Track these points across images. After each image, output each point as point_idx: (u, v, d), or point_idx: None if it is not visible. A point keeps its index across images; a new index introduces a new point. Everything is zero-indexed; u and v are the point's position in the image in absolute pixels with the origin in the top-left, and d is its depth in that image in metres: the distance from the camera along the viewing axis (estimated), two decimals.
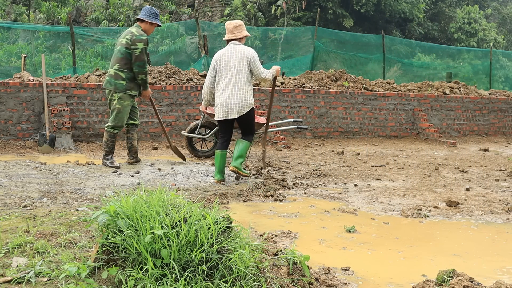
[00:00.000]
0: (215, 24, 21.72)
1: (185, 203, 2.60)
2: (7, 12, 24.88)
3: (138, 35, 6.09)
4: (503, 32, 32.46)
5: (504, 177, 6.73)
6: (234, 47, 5.75)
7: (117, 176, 5.65)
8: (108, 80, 6.20)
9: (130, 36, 6.10)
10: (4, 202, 4.04)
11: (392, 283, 2.99)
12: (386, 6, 26.55)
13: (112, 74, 6.16)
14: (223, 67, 5.71)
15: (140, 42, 6.06)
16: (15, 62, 16.39)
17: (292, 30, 20.18)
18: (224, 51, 5.78)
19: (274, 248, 3.02)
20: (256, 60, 5.74)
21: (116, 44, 6.44)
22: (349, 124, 10.97)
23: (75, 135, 8.60)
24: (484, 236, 4.08)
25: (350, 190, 5.69)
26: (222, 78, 5.71)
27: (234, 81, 5.63)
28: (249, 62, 5.68)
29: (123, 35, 6.23)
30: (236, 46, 5.75)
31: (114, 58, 6.21)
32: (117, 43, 6.32)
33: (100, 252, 2.39)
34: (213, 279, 2.27)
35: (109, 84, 6.18)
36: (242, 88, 5.63)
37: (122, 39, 6.20)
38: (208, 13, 26.56)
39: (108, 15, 23.94)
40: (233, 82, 5.62)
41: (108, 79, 6.21)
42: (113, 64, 6.18)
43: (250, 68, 5.70)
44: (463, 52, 21.64)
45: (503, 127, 12.98)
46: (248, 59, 5.68)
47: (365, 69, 17.05)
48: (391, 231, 4.13)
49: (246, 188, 5.40)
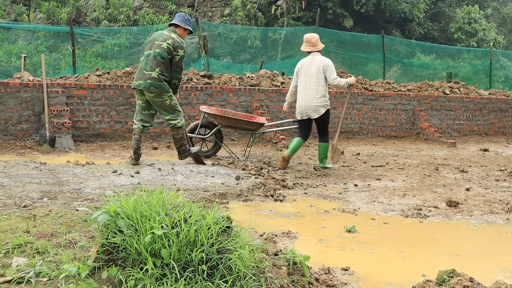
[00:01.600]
0: (215, 24, 21.73)
1: (185, 203, 2.60)
2: (7, 12, 24.88)
3: (180, 42, 6.27)
4: (503, 32, 32.47)
5: (504, 177, 6.73)
6: (314, 57, 6.90)
7: (117, 176, 5.65)
8: (152, 83, 6.16)
9: (172, 42, 6.20)
10: (4, 202, 4.04)
11: (392, 283, 2.99)
12: (386, 6, 26.56)
13: (155, 77, 6.15)
14: (303, 74, 6.83)
15: (181, 49, 6.28)
16: (15, 62, 16.40)
17: (292, 30, 20.19)
18: (305, 60, 6.95)
19: (274, 248, 3.02)
20: (330, 68, 6.76)
21: (147, 43, 6.36)
22: (349, 124, 10.97)
23: (75, 135, 8.60)
24: (484, 236, 4.08)
25: (350, 190, 5.69)
26: (302, 83, 6.81)
27: (312, 86, 6.74)
28: (324, 69, 6.76)
29: (161, 38, 6.23)
30: (315, 56, 6.90)
31: (154, 61, 6.18)
32: (152, 44, 6.27)
33: (100, 252, 2.39)
34: (213, 279, 2.27)
35: (153, 87, 6.18)
36: (320, 92, 6.72)
37: (161, 42, 6.20)
38: (208, 13, 26.57)
39: (108, 15, 23.94)
40: (312, 86, 6.73)
41: (151, 81, 6.16)
42: (153, 67, 6.17)
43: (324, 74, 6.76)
44: (463, 52, 21.66)
45: (503, 127, 12.99)
46: (324, 67, 6.77)
47: (365, 69, 17.07)
48: (391, 231, 4.13)
49: (246, 188, 5.40)
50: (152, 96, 6.25)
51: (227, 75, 10.82)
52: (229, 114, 7.66)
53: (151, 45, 6.29)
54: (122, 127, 8.96)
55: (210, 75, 10.58)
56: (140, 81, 6.23)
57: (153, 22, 22.46)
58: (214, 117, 7.41)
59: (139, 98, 6.40)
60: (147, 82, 6.20)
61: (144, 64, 6.26)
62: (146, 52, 6.30)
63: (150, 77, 6.18)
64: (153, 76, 6.17)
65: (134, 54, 17.23)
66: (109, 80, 9.45)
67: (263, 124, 7.52)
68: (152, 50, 6.24)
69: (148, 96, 6.28)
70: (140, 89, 6.25)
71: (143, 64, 6.29)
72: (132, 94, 9.05)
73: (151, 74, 6.18)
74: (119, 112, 8.97)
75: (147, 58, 6.25)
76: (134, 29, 17.99)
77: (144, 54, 6.34)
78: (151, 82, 6.17)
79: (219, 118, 7.33)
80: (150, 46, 6.30)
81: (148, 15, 23.53)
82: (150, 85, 6.17)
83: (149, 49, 6.28)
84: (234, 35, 20.33)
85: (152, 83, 6.17)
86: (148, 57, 6.25)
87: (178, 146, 6.56)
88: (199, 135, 7.46)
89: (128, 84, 9.20)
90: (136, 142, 6.36)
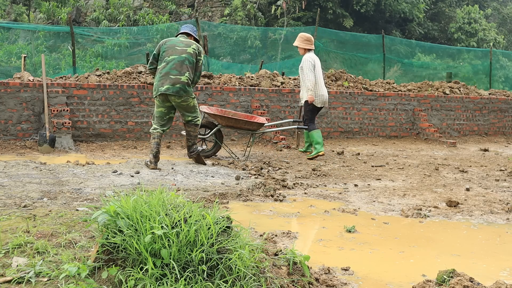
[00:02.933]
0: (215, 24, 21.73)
1: (185, 203, 2.60)
2: (7, 12, 24.88)
3: (201, 48, 6.61)
4: (503, 32, 32.47)
5: (504, 177, 6.73)
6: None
7: (117, 176, 5.66)
8: (181, 87, 6.27)
9: (196, 47, 6.51)
10: (4, 202, 4.04)
11: (392, 283, 2.99)
12: (386, 6, 26.56)
13: (185, 81, 6.28)
14: (317, 68, 8.11)
15: (203, 54, 6.67)
16: (15, 62, 16.41)
17: (292, 30, 20.19)
18: (314, 56, 8.19)
19: (274, 248, 3.02)
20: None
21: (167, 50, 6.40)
22: (349, 124, 10.97)
23: (75, 135, 8.60)
24: (484, 236, 4.08)
25: (350, 190, 5.69)
26: (319, 76, 8.10)
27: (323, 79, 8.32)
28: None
29: (183, 44, 6.41)
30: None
31: (182, 65, 6.31)
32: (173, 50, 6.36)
33: (100, 252, 2.39)
34: (213, 279, 2.27)
35: (183, 91, 6.30)
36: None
37: (184, 47, 6.37)
38: (208, 13, 26.56)
39: (108, 15, 23.95)
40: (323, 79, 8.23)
41: (180, 86, 6.26)
42: (182, 72, 6.29)
43: None
44: (463, 52, 21.66)
45: (503, 127, 12.99)
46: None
47: (365, 69, 17.07)
48: (391, 231, 4.13)
49: (246, 188, 5.40)
50: (179, 101, 6.33)
51: (227, 75, 10.81)
52: (229, 114, 7.67)
53: (172, 51, 6.34)
54: (122, 127, 8.96)
55: (210, 75, 10.58)
56: (168, 86, 6.25)
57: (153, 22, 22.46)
58: (214, 117, 7.41)
59: (161, 104, 6.40)
60: (176, 86, 6.24)
61: (169, 69, 6.28)
62: (169, 58, 6.31)
63: (179, 82, 6.25)
64: (183, 80, 6.26)
65: (134, 54, 17.23)
66: (109, 80, 9.45)
67: (263, 124, 7.53)
68: (176, 55, 6.31)
69: (174, 101, 6.33)
70: (168, 93, 6.27)
71: (166, 69, 6.29)
72: (133, 94, 9.05)
73: (180, 78, 6.25)
74: (119, 112, 8.97)
75: (172, 64, 6.28)
76: (134, 29, 17.99)
77: (166, 60, 6.34)
78: (180, 87, 6.25)
79: (219, 118, 7.34)
80: (171, 52, 6.34)
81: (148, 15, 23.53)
82: (179, 89, 6.25)
83: (171, 55, 6.32)
84: (234, 35, 20.33)
85: (182, 87, 6.26)
86: (172, 62, 6.28)
87: (191, 144, 6.67)
88: (200, 135, 7.47)
89: (128, 84, 9.20)
90: (156, 146, 6.35)
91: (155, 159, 6.31)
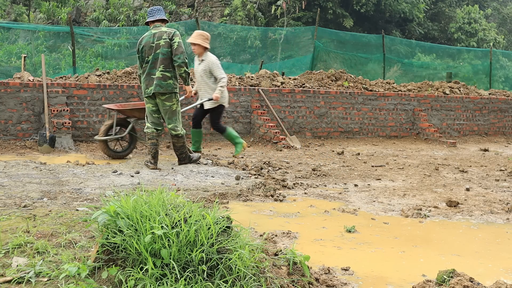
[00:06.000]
0: (215, 24, 21.72)
1: (185, 203, 2.59)
2: (7, 12, 24.88)
3: (174, 31, 6.28)
4: (503, 32, 32.47)
5: (504, 177, 6.73)
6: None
7: (117, 176, 5.65)
8: (157, 83, 6.19)
9: (167, 35, 6.23)
10: (4, 202, 4.04)
11: (392, 283, 2.99)
12: (386, 6, 26.55)
13: (159, 76, 6.18)
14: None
15: (177, 36, 6.26)
16: (15, 62, 16.40)
17: (292, 30, 20.19)
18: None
19: (274, 248, 3.02)
20: None
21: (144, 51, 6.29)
22: (349, 124, 10.97)
23: (75, 135, 8.60)
24: (484, 236, 4.08)
25: (350, 190, 5.69)
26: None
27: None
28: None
29: (155, 39, 6.22)
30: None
31: (156, 61, 6.20)
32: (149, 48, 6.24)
33: (100, 252, 2.39)
34: (213, 279, 2.27)
35: (159, 87, 6.20)
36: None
37: (158, 41, 6.20)
38: (208, 13, 26.56)
39: (108, 15, 23.95)
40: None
41: (156, 82, 6.19)
42: (156, 67, 6.20)
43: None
44: (463, 52, 21.65)
45: (503, 127, 12.99)
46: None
47: (365, 69, 17.06)
48: (391, 231, 4.13)
49: (246, 188, 5.40)
50: (163, 98, 6.26)
51: (227, 75, 10.82)
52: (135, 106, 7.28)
53: (149, 50, 6.26)
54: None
55: None
56: (151, 88, 6.25)
57: None
58: (130, 112, 7.10)
59: (149, 101, 6.37)
60: (154, 84, 6.22)
61: (149, 69, 6.26)
62: (149, 58, 6.27)
63: (155, 78, 6.21)
64: (157, 76, 6.19)
65: (134, 54, 17.17)
66: (109, 80, 9.45)
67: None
68: (152, 54, 6.24)
69: (159, 99, 6.28)
70: (152, 94, 6.25)
71: (148, 70, 6.27)
72: (133, 94, 9.05)
73: (156, 75, 6.20)
74: None
75: (150, 63, 6.25)
76: (134, 29, 17.97)
77: (146, 60, 6.29)
78: (156, 83, 6.20)
79: (136, 112, 7.05)
80: (148, 52, 6.27)
81: None
82: (156, 85, 6.19)
83: (150, 55, 6.26)
84: (234, 35, 20.32)
85: (158, 83, 6.20)
86: (151, 61, 6.24)
87: (178, 154, 6.56)
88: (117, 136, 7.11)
89: (128, 84, 9.20)
90: (154, 147, 6.33)
91: (154, 160, 6.31)
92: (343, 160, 7.87)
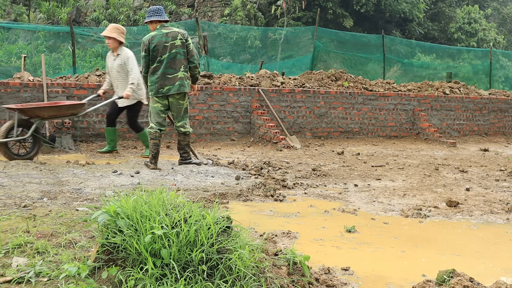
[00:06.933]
0: (215, 24, 21.73)
1: (185, 203, 2.59)
2: (7, 12, 24.89)
3: (186, 32, 6.46)
4: (503, 32, 32.48)
5: (504, 177, 6.73)
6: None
7: (117, 176, 5.65)
8: (181, 83, 6.24)
9: (181, 35, 6.32)
10: (4, 202, 4.04)
11: (392, 283, 2.99)
12: (386, 6, 26.56)
13: (182, 76, 6.26)
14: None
15: (189, 37, 6.47)
16: (15, 62, 16.41)
17: (292, 30, 20.20)
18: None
19: (274, 248, 3.02)
20: None
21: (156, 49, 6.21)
22: (349, 124, 10.97)
23: (75, 135, 8.60)
24: (484, 236, 4.08)
25: (350, 190, 5.69)
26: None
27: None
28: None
29: (169, 38, 6.21)
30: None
31: (175, 61, 6.21)
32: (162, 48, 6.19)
33: (100, 252, 2.39)
34: (213, 279, 2.27)
35: (183, 87, 6.27)
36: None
37: (173, 41, 6.21)
38: (208, 13, 26.57)
39: (108, 15, 23.95)
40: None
41: (180, 82, 6.23)
42: (178, 68, 6.23)
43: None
44: (463, 52, 21.66)
45: (503, 127, 12.99)
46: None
47: (365, 69, 17.06)
48: (391, 231, 4.13)
49: (246, 188, 5.40)
50: (178, 97, 6.29)
51: (227, 75, 10.82)
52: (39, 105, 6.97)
53: (163, 50, 6.21)
54: (121, 127, 8.94)
55: (210, 75, 10.58)
56: (169, 86, 6.22)
57: None
58: (34, 111, 6.68)
59: (159, 101, 6.32)
60: (176, 85, 6.22)
61: (164, 69, 6.20)
62: (162, 57, 6.20)
63: (177, 79, 6.22)
64: (180, 76, 6.24)
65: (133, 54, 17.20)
66: None
67: (84, 104, 7.10)
68: (167, 53, 6.20)
69: (174, 98, 6.28)
70: (169, 94, 6.24)
71: (162, 69, 6.20)
72: None
73: (177, 75, 6.21)
74: None
75: (165, 63, 6.20)
76: (134, 29, 17.97)
77: (159, 59, 6.21)
78: (180, 83, 6.23)
79: (38, 111, 6.68)
80: (162, 51, 6.21)
81: None
82: (180, 85, 6.23)
83: (163, 54, 6.20)
84: (234, 35, 20.33)
85: (181, 83, 6.24)
86: (166, 61, 6.20)
87: (182, 152, 6.58)
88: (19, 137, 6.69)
89: None
90: (156, 147, 6.33)
91: (155, 160, 6.31)
92: (343, 160, 7.87)
